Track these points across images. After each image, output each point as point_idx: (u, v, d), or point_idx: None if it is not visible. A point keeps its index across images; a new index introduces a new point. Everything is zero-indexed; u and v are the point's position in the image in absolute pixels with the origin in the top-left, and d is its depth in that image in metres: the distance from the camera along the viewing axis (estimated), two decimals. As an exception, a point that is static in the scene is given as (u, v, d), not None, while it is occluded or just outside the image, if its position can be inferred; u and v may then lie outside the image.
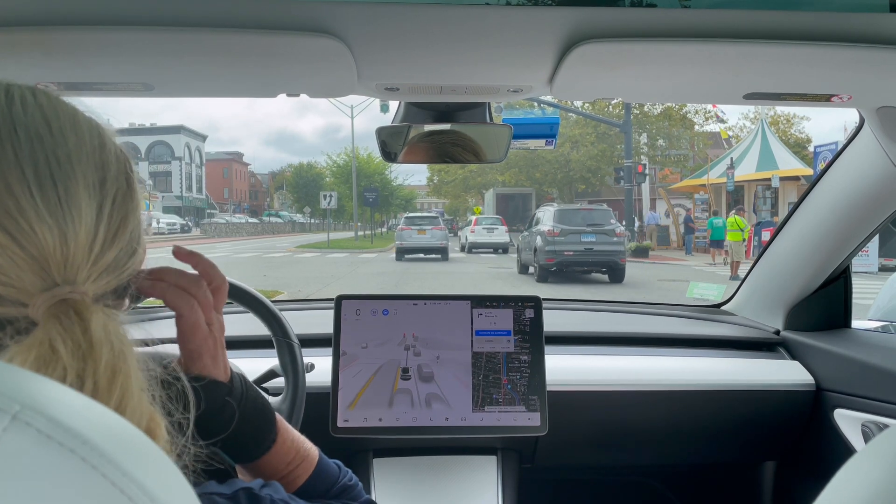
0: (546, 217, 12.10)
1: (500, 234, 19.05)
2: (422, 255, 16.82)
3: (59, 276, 0.43)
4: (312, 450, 0.71)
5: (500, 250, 18.93)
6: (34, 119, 0.44)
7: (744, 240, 13.15)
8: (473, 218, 22.22)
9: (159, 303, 0.58)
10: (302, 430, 1.11)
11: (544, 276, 11.28)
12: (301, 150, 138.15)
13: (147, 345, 0.58)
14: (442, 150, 1.19)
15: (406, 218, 18.71)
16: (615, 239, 11.08)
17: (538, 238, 11.54)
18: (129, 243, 0.49)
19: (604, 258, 11.01)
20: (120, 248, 0.47)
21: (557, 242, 11.06)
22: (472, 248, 19.14)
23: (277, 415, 0.68)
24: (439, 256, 16.64)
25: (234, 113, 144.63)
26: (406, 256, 16.73)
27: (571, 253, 10.97)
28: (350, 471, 0.75)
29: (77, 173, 0.45)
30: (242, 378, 0.65)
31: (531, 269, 12.09)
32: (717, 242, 15.26)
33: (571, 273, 11.59)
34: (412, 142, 1.19)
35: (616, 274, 11.16)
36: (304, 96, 0.93)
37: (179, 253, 0.60)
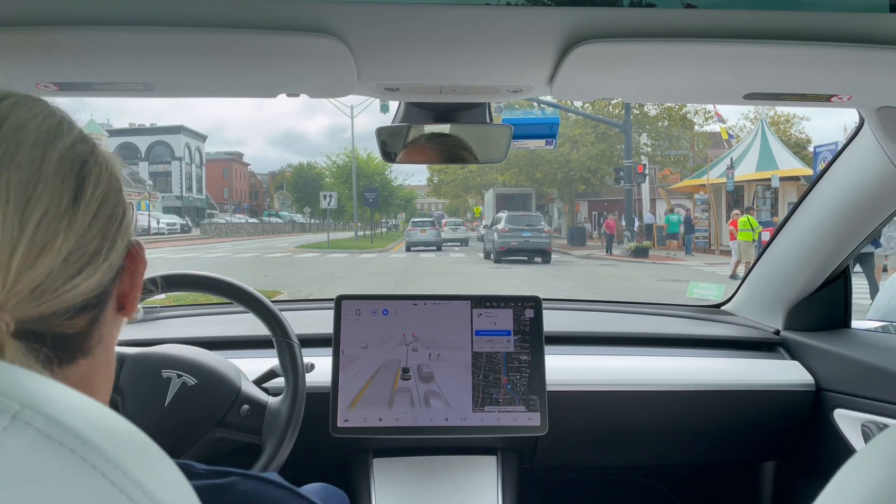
0: (501, 220, 17.95)
1: (462, 232, 27.87)
2: (422, 248, 22.77)
3: None
4: None
5: (462, 243, 26.52)
6: None
7: (755, 240, 13.00)
8: (444, 220, 31.16)
9: (160, 302, 0.57)
10: (302, 431, 1.11)
11: (498, 258, 16.94)
12: (307, 150, 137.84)
13: (147, 345, 0.58)
14: (442, 151, 1.19)
15: (412, 221, 25.96)
16: (543, 234, 17.18)
17: (495, 234, 17.47)
18: (67, 264, 0.44)
19: (536, 246, 16.93)
20: (50, 270, 0.43)
21: (507, 236, 16.92)
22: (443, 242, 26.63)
23: None
24: (435, 248, 22.66)
25: (241, 113, 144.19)
26: (412, 249, 22.58)
27: (515, 243, 16.83)
28: None
29: None
30: None
31: (491, 256, 17.66)
32: (672, 235, 19.26)
33: (515, 258, 17.32)
34: (412, 142, 1.19)
35: (545, 257, 16.96)
36: (305, 96, 0.94)
37: None
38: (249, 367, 1.24)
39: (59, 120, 0.46)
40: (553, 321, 1.53)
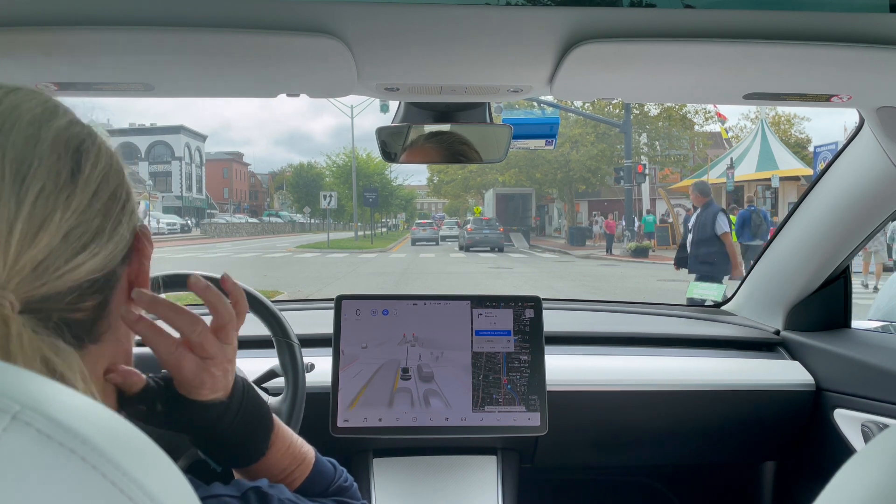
0: (469, 222, 25.34)
1: (456, 230, 32.82)
2: (424, 242, 27.98)
3: None
4: (309, 453, 0.70)
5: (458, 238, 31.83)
6: None
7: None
8: (442, 220, 38.55)
9: None
10: (302, 431, 1.11)
11: (467, 249, 22.87)
12: (312, 150, 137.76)
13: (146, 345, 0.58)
14: (442, 151, 1.19)
15: (416, 223, 31.90)
16: (498, 232, 23.66)
17: (465, 231, 24.51)
18: (69, 240, 0.44)
19: (492, 242, 23.11)
20: (51, 246, 0.42)
21: (472, 233, 23.63)
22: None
23: (277, 420, 0.67)
24: (434, 243, 28.16)
25: (246, 113, 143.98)
26: (417, 243, 27.56)
27: (479, 237, 23.37)
28: (345, 470, 0.75)
29: None
30: (244, 388, 0.64)
31: (462, 248, 23.80)
32: (649, 234, 21.59)
33: (479, 249, 22.92)
34: (412, 142, 1.19)
35: (500, 249, 22.94)
36: (305, 96, 0.94)
37: (195, 286, 0.59)
38: (249, 367, 1.24)
39: (55, 104, 0.47)
40: (553, 321, 1.53)
